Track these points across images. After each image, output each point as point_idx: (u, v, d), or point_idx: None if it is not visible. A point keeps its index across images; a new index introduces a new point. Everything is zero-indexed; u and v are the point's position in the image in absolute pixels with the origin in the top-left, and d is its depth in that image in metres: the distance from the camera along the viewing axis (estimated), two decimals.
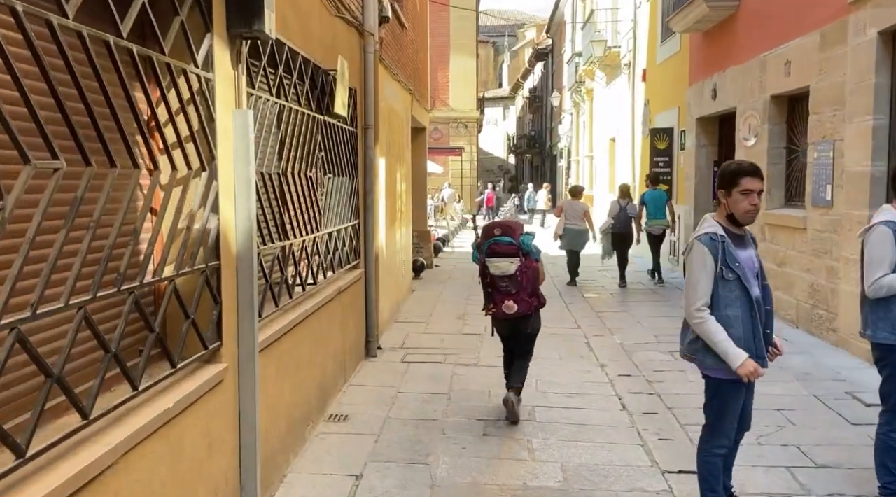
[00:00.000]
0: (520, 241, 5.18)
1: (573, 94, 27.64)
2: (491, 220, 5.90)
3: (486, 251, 5.26)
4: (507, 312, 5.23)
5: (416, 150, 13.85)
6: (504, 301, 5.23)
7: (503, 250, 5.18)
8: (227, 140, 3.38)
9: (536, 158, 51.83)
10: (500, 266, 5.19)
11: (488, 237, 5.26)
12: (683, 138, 13.06)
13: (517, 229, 5.28)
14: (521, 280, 5.18)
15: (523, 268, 5.17)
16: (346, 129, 6.26)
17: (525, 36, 62.97)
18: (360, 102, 6.89)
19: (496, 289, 5.29)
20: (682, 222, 13.00)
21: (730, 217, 3.52)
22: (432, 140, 35.34)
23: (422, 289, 11.69)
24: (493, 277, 5.26)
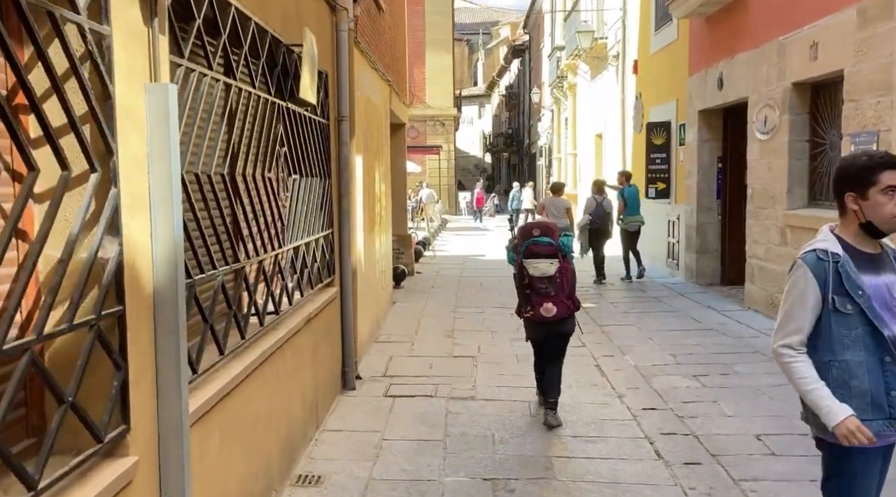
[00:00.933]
0: (559, 242, 5.12)
1: (554, 90, 26.71)
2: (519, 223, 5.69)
3: (525, 252, 5.13)
4: (546, 315, 5.10)
5: (394, 147, 12.79)
6: (543, 303, 5.10)
7: (543, 251, 5.08)
8: (135, 128, 2.31)
9: (514, 157, 50.98)
10: (540, 267, 5.07)
11: (526, 238, 5.17)
12: (683, 133, 12.14)
13: (556, 230, 5.22)
14: (561, 282, 5.09)
15: (563, 269, 5.10)
16: (315, 120, 5.19)
17: (499, 34, 62.13)
18: (333, 90, 5.82)
19: (535, 291, 5.14)
20: (683, 223, 12.08)
21: (866, 226, 2.53)
22: (409, 138, 34.21)
23: (404, 300, 10.63)
24: (531, 279, 5.12)
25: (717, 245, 11.40)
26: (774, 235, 8.63)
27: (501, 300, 10.50)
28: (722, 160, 11.29)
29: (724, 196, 11.30)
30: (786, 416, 5.23)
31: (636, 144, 15.15)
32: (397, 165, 12.92)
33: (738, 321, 8.69)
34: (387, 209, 9.70)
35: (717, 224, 11.38)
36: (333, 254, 5.75)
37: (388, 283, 9.87)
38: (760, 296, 9.03)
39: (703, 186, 11.39)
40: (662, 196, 12.97)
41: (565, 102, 25.13)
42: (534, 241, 5.14)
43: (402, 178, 13.02)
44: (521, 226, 5.49)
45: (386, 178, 9.63)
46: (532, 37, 39.02)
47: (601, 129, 18.92)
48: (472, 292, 11.33)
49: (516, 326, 8.65)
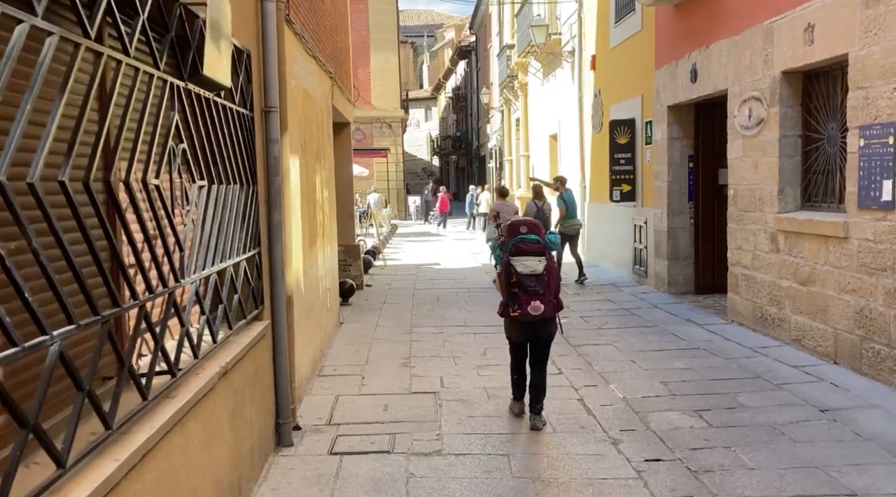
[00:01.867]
0: (546, 239, 5.10)
1: (504, 90, 25.86)
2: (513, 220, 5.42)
3: (512, 249, 5.06)
4: (534, 314, 5.01)
5: (339, 148, 11.66)
6: (531, 302, 5.00)
7: (530, 248, 5.03)
8: None
9: (463, 160, 50.11)
10: (528, 265, 5.00)
11: (514, 235, 5.09)
12: (650, 131, 11.31)
13: (542, 228, 5.19)
14: (548, 280, 5.07)
15: (550, 267, 5.08)
16: (233, 110, 4.06)
17: (444, 36, 61.43)
18: (258, 73, 4.69)
19: (523, 289, 5.02)
20: (651, 228, 11.23)
21: None
22: (355, 141, 32.97)
23: (353, 319, 9.49)
24: (519, 277, 5.02)
25: (689, 251, 10.58)
26: (763, 241, 7.79)
27: (462, 317, 9.46)
28: (694, 159, 10.48)
29: (696, 198, 10.49)
30: (820, 466, 4.31)
31: (595, 144, 14.31)
32: (343, 168, 11.79)
33: (726, 337, 7.83)
34: (331, 218, 8.56)
35: (689, 228, 10.56)
36: (262, 279, 4.61)
37: (335, 302, 8.73)
38: (746, 308, 8.19)
39: (673, 188, 10.56)
40: (628, 199, 12.13)
41: (516, 103, 24.29)
42: (521, 238, 5.05)
43: (347, 183, 11.88)
44: (507, 224, 5.37)
45: (329, 183, 8.50)
46: (479, 37, 38.22)
47: (556, 129, 18.08)
48: (429, 308, 10.26)
49: (482, 350, 7.64)
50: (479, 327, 8.75)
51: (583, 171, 15.28)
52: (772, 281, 7.60)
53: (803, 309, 7.01)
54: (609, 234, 13.49)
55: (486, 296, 11.11)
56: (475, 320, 9.22)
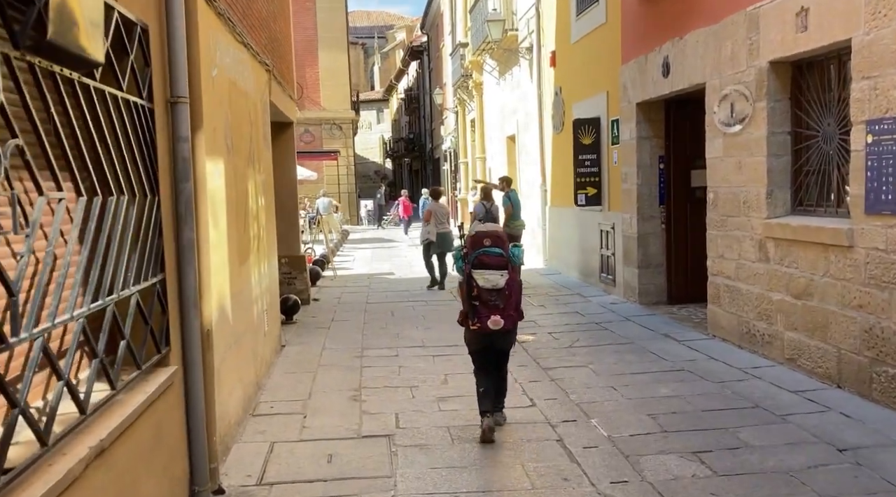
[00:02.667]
0: (510, 252, 4.97)
1: (458, 90, 25.06)
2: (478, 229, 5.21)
3: (474, 262, 4.95)
4: (494, 328, 4.94)
5: (281, 150, 10.68)
6: (491, 316, 4.93)
7: (493, 262, 4.92)
8: None
9: (416, 162, 49.22)
10: (490, 279, 4.91)
11: (476, 247, 4.97)
12: (616, 130, 10.58)
13: (506, 240, 5.07)
14: (509, 294, 4.97)
15: (511, 281, 4.97)
16: (117, 98, 3.10)
17: (395, 38, 60.53)
18: (160, 55, 3.73)
19: (483, 303, 4.94)
20: (619, 234, 10.51)
21: None
22: (303, 143, 31.84)
23: (297, 340, 8.52)
24: (480, 290, 4.93)
25: (661, 258, 9.88)
26: (749, 249, 7.09)
27: (419, 336, 8.57)
28: (664, 160, 9.78)
29: (668, 202, 9.79)
30: None
31: (557, 146, 13.57)
32: (285, 172, 10.81)
33: (710, 356, 7.10)
34: (269, 229, 7.58)
35: (660, 234, 9.86)
36: (167, 313, 3.65)
37: (275, 324, 7.74)
38: (730, 322, 7.48)
39: (643, 191, 9.84)
40: (594, 203, 11.40)
41: (471, 103, 23.50)
42: (484, 251, 4.92)
43: (291, 188, 10.89)
44: (470, 234, 5.20)
45: (267, 189, 7.52)
46: (430, 37, 37.39)
47: (513, 130, 17.33)
48: (382, 325, 9.33)
49: (442, 377, 6.75)
50: (439, 348, 7.88)
51: (543, 174, 14.54)
52: (760, 293, 6.89)
53: (798, 325, 6.31)
54: (573, 240, 12.76)
55: (445, 309, 10.23)
56: (434, 340, 8.34)
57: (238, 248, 5.71)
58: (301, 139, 31.45)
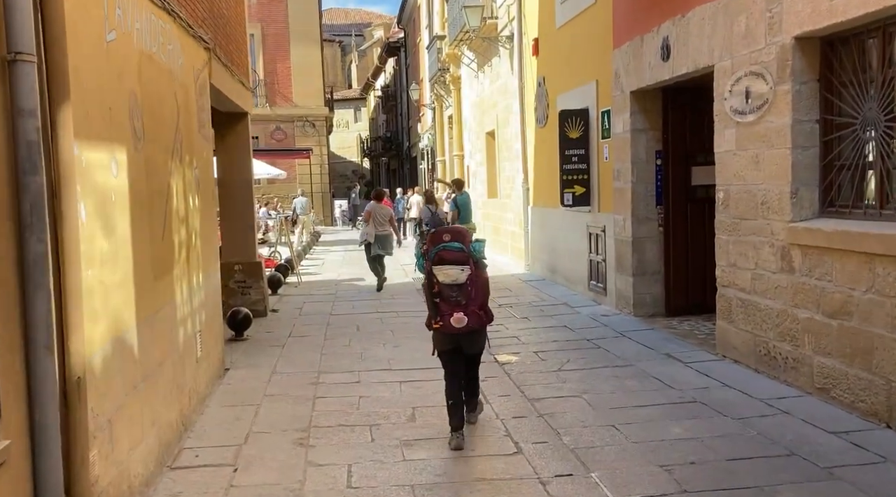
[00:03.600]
0: (470, 248, 4.81)
1: (435, 86, 23.98)
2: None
3: (434, 258, 4.77)
4: (457, 326, 4.77)
5: (233, 144, 9.60)
6: (453, 313, 4.75)
7: (453, 257, 4.75)
8: None
9: (394, 161, 48.05)
10: (450, 274, 4.74)
11: (436, 243, 4.80)
12: (607, 122, 9.56)
13: (467, 235, 4.92)
14: (471, 290, 4.79)
15: (474, 277, 4.79)
16: None
17: (373, 35, 59.40)
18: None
19: (444, 300, 4.79)
20: (611, 237, 9.48)
21: None
22: (274, 141, 30.61)
23: (244, 361, 7.38)
24: (441, 287, 4.78)
25: (658, 265, 8.86)
26: (769, 258, 6.07)
27: (386, 355, 7.48)
28: (662, 156, 8.76)
29: (665, 202, 8.77)
30: None
31: (540, 141, 12.53)
32: (239, 169, 9.70)
33: (723, 382, 6.07)
34: (207, 233, 6.43)
35: (657, 238, 8.84)
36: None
37: (216, 345, 6.60)
38: (745, 342, 6.47)
39: (638, 190, 8.82)
40: (582, 203, 10.36)
41: (448, 99, 22.43)
42: (444, 246, 4.80)
43: (246, 186, 9.75)
44: (430, 231, 5.22)
45: (204, 187, 6.38)
46: (408, 32, 36.29)
47: (493, 125, 16.28)
48: (346, 341, 8.22)
49: (410, 411, 5.66)
50: (407, 371, 6.80)
51: (525, 172, 13.49)
52: (783, 309, 5.87)
53: (832, 349, 5.29)
54: (558, 244, 11.73)
55: (417, 322, 9.11)
56: (402, 359, 7.25)
57: (153, 259, 4.59)
58: (272, 136, 30.30)
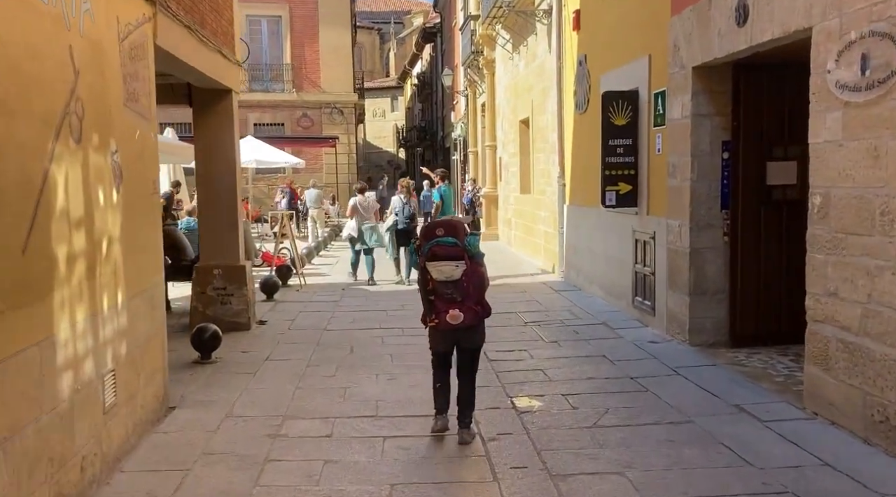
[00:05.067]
0: (465, 242, 4.67)
1: (468, 70, 22.34)
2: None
3: (428, 254, 4.63)
4: (453, 323, 4.65)
5: (212, 128, 8.19)
6: (448, 310, 4.64)
7: (447, 253, 4.61)
8: None
9: (428, 152, 46.53)
10: (444, 270, 4.61)
11: (430, 238, 4.68)
12: (662, 106, 7.87)
13: (461, 230, 4.79)
14: (467, 286, 4.65)
15: (469, 272, 4.65)
16: None
17: (412, 23, 57.98)
18: None
19: (439, 297, 4.67)
20: (663, 246, 7.80)
21: None
22: (301, 128, 29.29)
23: (199, 396, 5.91)
24: (435, 284, 4.65)
25: (722, 283, 7.17)
26: (890, 289, 4.38)
27: (375, 394, 5.94)
28: (731, 148, 7.06)
29: (733, 205, 7.07)
30: None
31: (579, 129, 10.86)
32: (221, 157, 8.26)
33: (823, 460, 4.40)
34: (133, 241, 4.95)
35: (721, 249, 7.15)
36: None
37: (147, 387, 5.10)
38: (848, 399, 4.78)
39: (699, 189, 7.13)
40: (627, 203, 8.68)
41: (482, 85, 20.76)
42: (437, 241, 4.62)
43: (229, 178, 8.28)
44: (424, 226, 5.06)
45: (136, 179, 4.91)
46: (444, 16, 34.65)
47: (527, 112, 14.61)
48: (331, 370, 6.70)
49: (387, 489, 4.13)
50: (398, 419, 5.28)
51: (562, 165, 11.82)
52: None
53: None
54: (597, 249, 10.06)
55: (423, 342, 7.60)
56: (394, 401, 5.72)
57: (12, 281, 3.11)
58: (299, 124, 28.97)
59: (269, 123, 28.84)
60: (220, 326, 8.15)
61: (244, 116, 28.55)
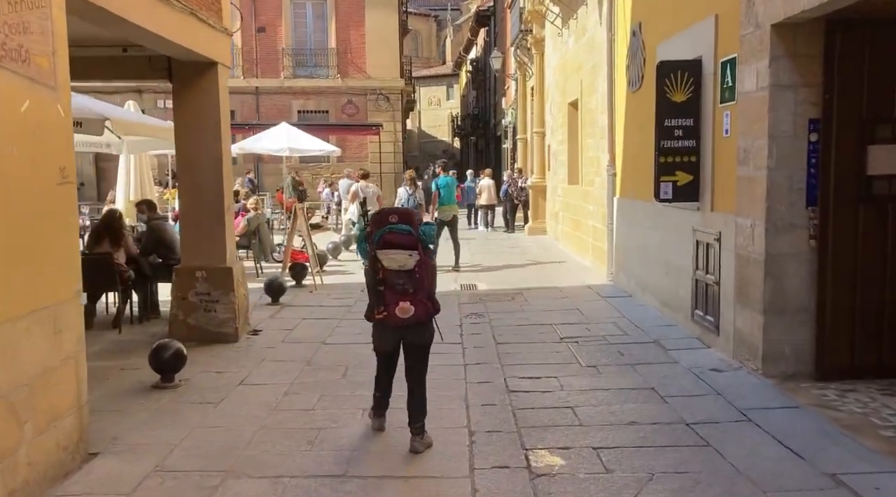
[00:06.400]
0: (419, 231, 4.37)
1: (517, 52, 20.85)
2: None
3: (379, 242, 4.33)
4: (402, 316, 4.35)
5: (195, 107, 7.07)
6: (399, 302, 4.33)
7: (400, 241, 4.31)
8: None
9: (481, 141, 45.10)
10: (397, 259, 4.30)
11: (381, 225, 4.36)
12: (730, 78, 6.35)
13: (416, 217, 4.47)
14: (420, 277, 4.35)
15: (423, 263, 4.35)
16: None
17: (469, 9, 56.51)
18: None
19: (389, 287, 4.34)
20: (731, 250, 6.31)
21: None
22: (346, 116, 28.25)
23: (132, 440, 4.74)
24: (386, 273, 4.33)
25: (806, 299, 5.66)
26: None
27: (353, 437, 4.66)
28: (819, 128, 5.53)
29: (823, 200, 5.55)
30: None
31: (632, 109, 9.36)
32: (205, 142, 7.14)
33: None
34: (19, 242, 3.78)
35: (807, 256, 5.64)
36: None
37: (46, 438, 3.95)
38: None
39: (778, 180, 5.63)
40: (685, 196, 7.18)
41: (531, 67, 19.27)
42: (390, 228, 4.32)
43: (215, 166, 7.11)
44: (374, 212, 4.74)
45: (34, 167, 3.75)
46: None
47: (576, 93, 13.10)
48: (310, 402, 5.44)
49: None
50: (370, 480, 4.03)
51: (612, 152, 10.33)
52: None
53: None
54: (651, 250, 8.58)
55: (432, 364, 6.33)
56: (374, 450, 4.48)
57: None
58: (343, 111, 27.99)
59: (312, 110, 27.92)
60: (204, 338, 7.11)
61: (287, 103, 27.81)
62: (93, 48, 6.70)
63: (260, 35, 27.43)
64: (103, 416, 5.02)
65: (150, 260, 8.17)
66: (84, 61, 7.06)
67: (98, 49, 6.75)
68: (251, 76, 27.41)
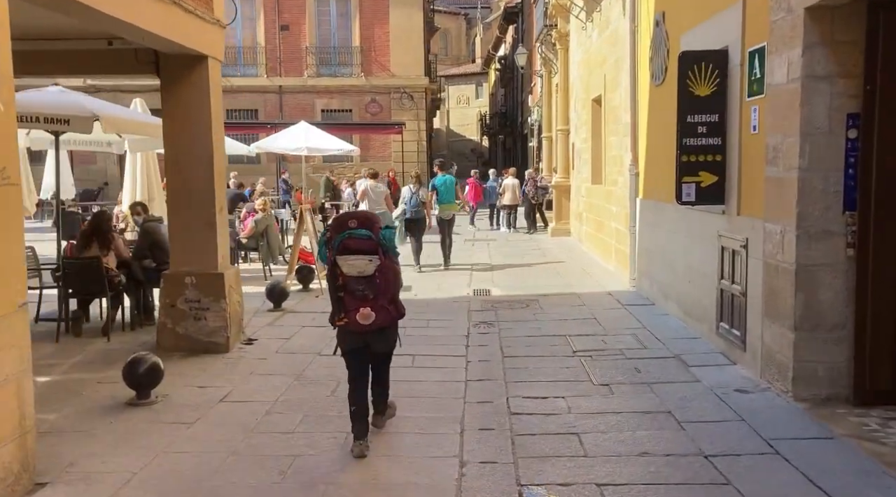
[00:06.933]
0: (379, 235, 4.31)
1: (542, 47, 20.28)
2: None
3: (339, 247, 4.26)
4: (363, 323, 4.28)
5: (186, 103, 6.70)
6: (359, 309, 4.28)
7: (359, 246, 4.25)
8: None
9: (509, 140, 44.52)
10: (356, 265, 4.23)
11: (341, 230, 4.30)
12: (758, 69, 5.77)
13: (376, 222, 4.41)
14: (380, 283, 4.29)
15: (383, 268, 4.29)
16: None
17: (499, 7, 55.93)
18: None
19: (349, 293, 4.29)
20: (759, 259, 5.73)
21: None
22: (369, 115, 27.88)
23: (91, 466, 4.33)
24: (346, 279, 4.27)
25: (843, 314, 5.07)
26: None
27: (335, 466, 4.19)
28: (858, 123, 4.94)
29: (863, 205, 4.96)
30: None
31: (655, 105, 8.78)
32: (195, 141, 6.76)
33: None
34: None
35: (844, 267, 5.05)
36: None
37: None
38: None
39: (811, 181, 5.05)
40: (710, 199, 6.60)
41: (555, 63, 18.69)
42: (349, 233, 4.25)
43: (204, 166, 6.72)
44: (335, 217, 4.87)
45: None
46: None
47: (600, 89, 12.52)
48: (292, 423, 4.99)
49: None
50: None
51: (635, 151, 9.75)
52: None
53: None
54: (674, 255, 8.01)
55: (436, 377, 5.85)
56: (352, 483, 4.02)
57: None
58: (367, 109, 27.65)
59: (336, 109, 27.63)
60: (193, 348, 6.73)
61: (311, 102, 27.51)
62: (75, 41, 6.35)
63: (283, 33, 27.22)
64: (65, 438, 4.65)
65: (143, 264, 7.81)
66: (68, 55, 6.73)
67: (81, 42, 6.39)
68: (275, 75, 27.19)
